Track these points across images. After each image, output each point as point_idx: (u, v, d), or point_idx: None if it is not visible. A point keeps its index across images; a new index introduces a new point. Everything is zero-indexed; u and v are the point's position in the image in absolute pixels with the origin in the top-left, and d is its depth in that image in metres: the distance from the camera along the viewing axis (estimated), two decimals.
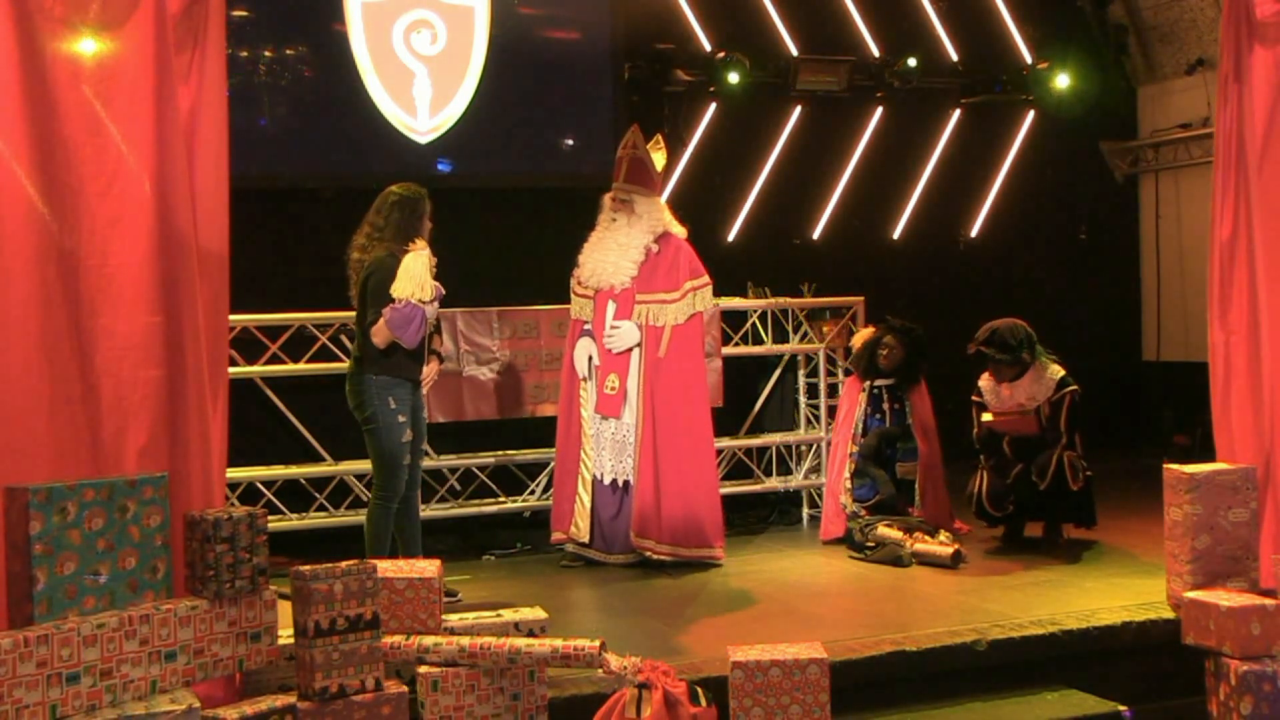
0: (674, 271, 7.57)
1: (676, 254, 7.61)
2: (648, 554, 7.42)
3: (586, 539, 7.54)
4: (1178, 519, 5.94)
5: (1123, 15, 11.61)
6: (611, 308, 7.55)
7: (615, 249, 7.54)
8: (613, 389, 7.50)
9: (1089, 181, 11.82)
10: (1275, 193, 6.15)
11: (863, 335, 8.45)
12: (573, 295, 7.73)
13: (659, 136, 7.86)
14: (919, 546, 7.47)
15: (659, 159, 7.72)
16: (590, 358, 7.58)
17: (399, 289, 6.26)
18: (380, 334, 6.32)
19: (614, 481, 7.52)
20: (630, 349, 7.50)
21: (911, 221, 11.08)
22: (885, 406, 8.28)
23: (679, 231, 7.71)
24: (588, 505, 7.54)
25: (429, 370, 6.69)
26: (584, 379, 7.60)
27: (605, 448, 7.53)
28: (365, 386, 6.39)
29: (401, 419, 6.39)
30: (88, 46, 4.64)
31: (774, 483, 8.94)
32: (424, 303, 6.29)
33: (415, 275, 6.27)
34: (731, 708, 4.85)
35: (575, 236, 7.78)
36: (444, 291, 6.47)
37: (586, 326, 7.63)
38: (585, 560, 7.58)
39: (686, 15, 10.22)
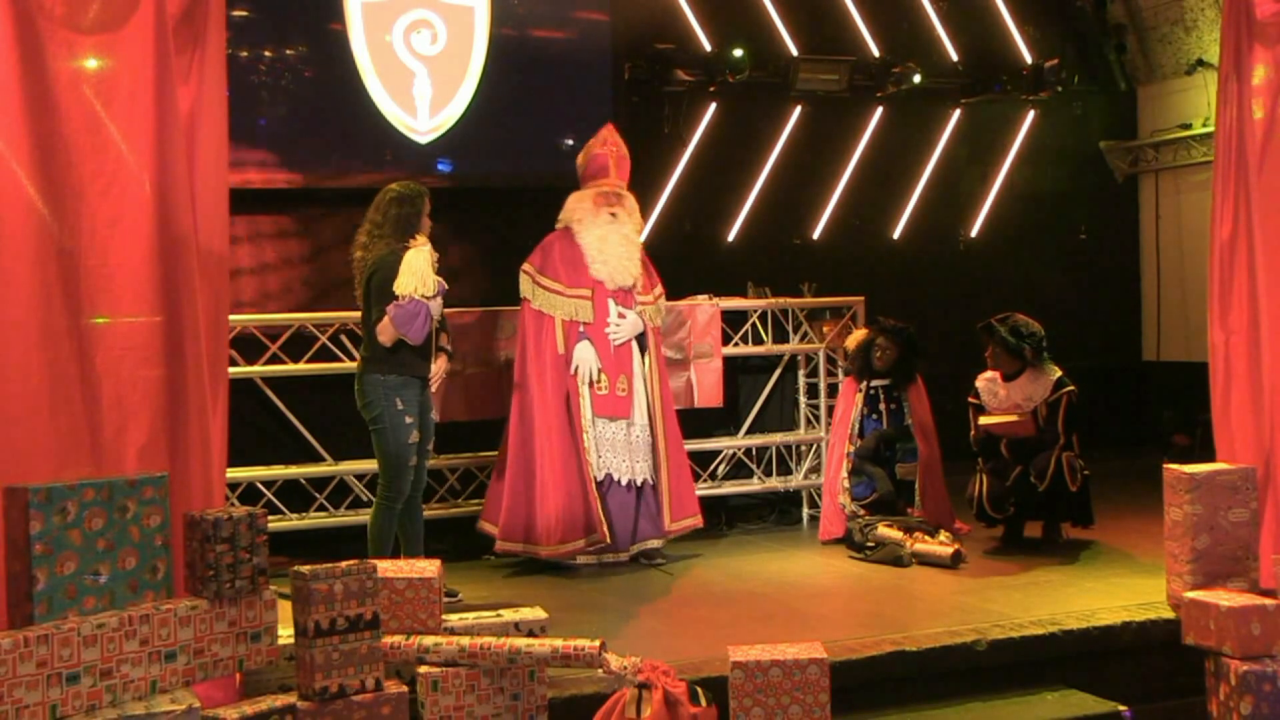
0: (649, 274, 7.75)
1: (646, 255, 7.78)
2: (679, 534, 7.68)
3: (609, 539, 7.42)
4: (1178, 519, 5.94)
5: (1123, 15, 11.61)
6: (613, 307, 7.53)
7: (625, 244, 7.52)
8: (624, 390, 7.49)
9: (1089, 181, 11.82)
10: (1275, 193, 6.15)
11: (856, 337, 8.44)
12: (551, 296, 7.51)
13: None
14: (919, 546, 7.47)
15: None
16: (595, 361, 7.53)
17: (401, 285, 6.26)
18: (386, 332, 6.33)
19: (630, 483, 7.49)
20: (631, 349, 7.52)
21: (911, 221, 11.08)
22: (882, 407, 8.29)
23: None
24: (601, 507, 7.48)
25: (437, 367, 6.66)
26: (587, 382, 7.50)
27: (615, 450, 7.49)
28: (372, 387, 6.39)
29: (409, 420, 6.39)
30: (88, 47, 4.64)
31: (774, 483, 8.94)
32: (427, 298, 6.29)
33: (417, 271, 6.27)
34: (731, 708, 4.85)
35: None
36: (446, 286, 6.47)
37: (581, 329, 7.53)
38: (573, 565, 7.54)
39: (686, 15, 10.21)
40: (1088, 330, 11.30)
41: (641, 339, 7.61)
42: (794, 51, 10.48)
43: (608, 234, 7.54)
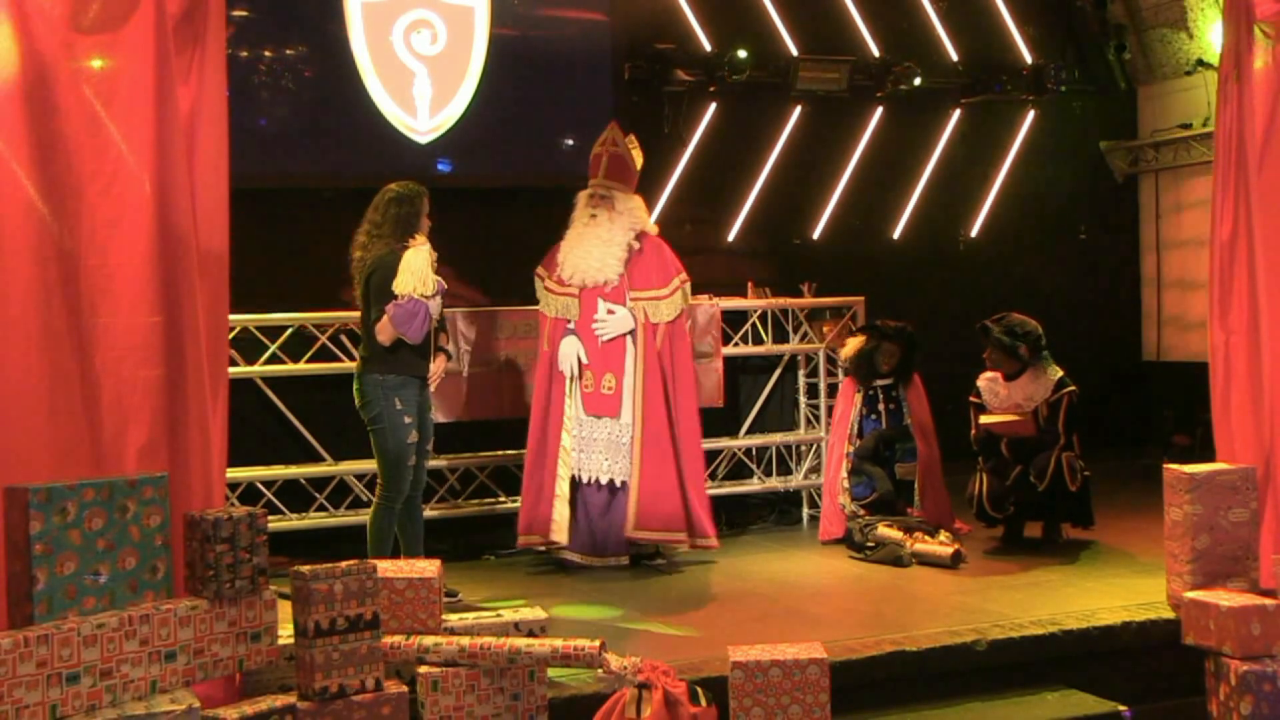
0: (663, 268, 7.58)
1: (660, 251, 7.63)
2: (653, 544, 7.43)
3: (567, 540, 7.48)
4: (1178, 519, 5.94)
5: (1123, 15, 11.61)
6: (603, 305, 7.52)
7: (598, 244, 7.50)
8: (609, 388, 7.47)
9: (1089, 181, 11.82)
10: (1275, 193, 6.15)
11: (854, 344, 8.42)
12: (547, 295, 7.62)
13: (632, 135, 7.85)
14: (919, 546, 7.48)
15: (637, 157, 7.72)
16: (578, 357, 7.54)
17: (400, 285, 6.27)
18: (385, 331, 6.33)
19: (610, 482, 7.49)
20: (624, 347, 7.46)
21: (911, 221, 11.08)
22: (881, 407, 8.29)
23: (653, 229, 7.72)
24: (565, 508, 7.49)
25: (436, 367, 6.67)
26: (573, 379, 7.54)
27: (598, 449, 7.48)
28: (372, 386, 6.40)
29: (408, 419, 6.39)
30: (88, 47, 4.63)
31: (774, 483, 8.94)
32: (426, 297, 6.30)
33: (416, 270, 6.28)
34: (731, 708, 4.85)
35: None
36: (445, 286, 6.47)
37: (570, 326, 7.57)
38: (574, 565, 7.54)
39: (686, 15, 10.21)
40: (1088, 330, 11.30)
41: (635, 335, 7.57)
42: (794, 51, 10.47)
43: (582, 234, 7.56)
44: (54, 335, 4.52)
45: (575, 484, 7.49)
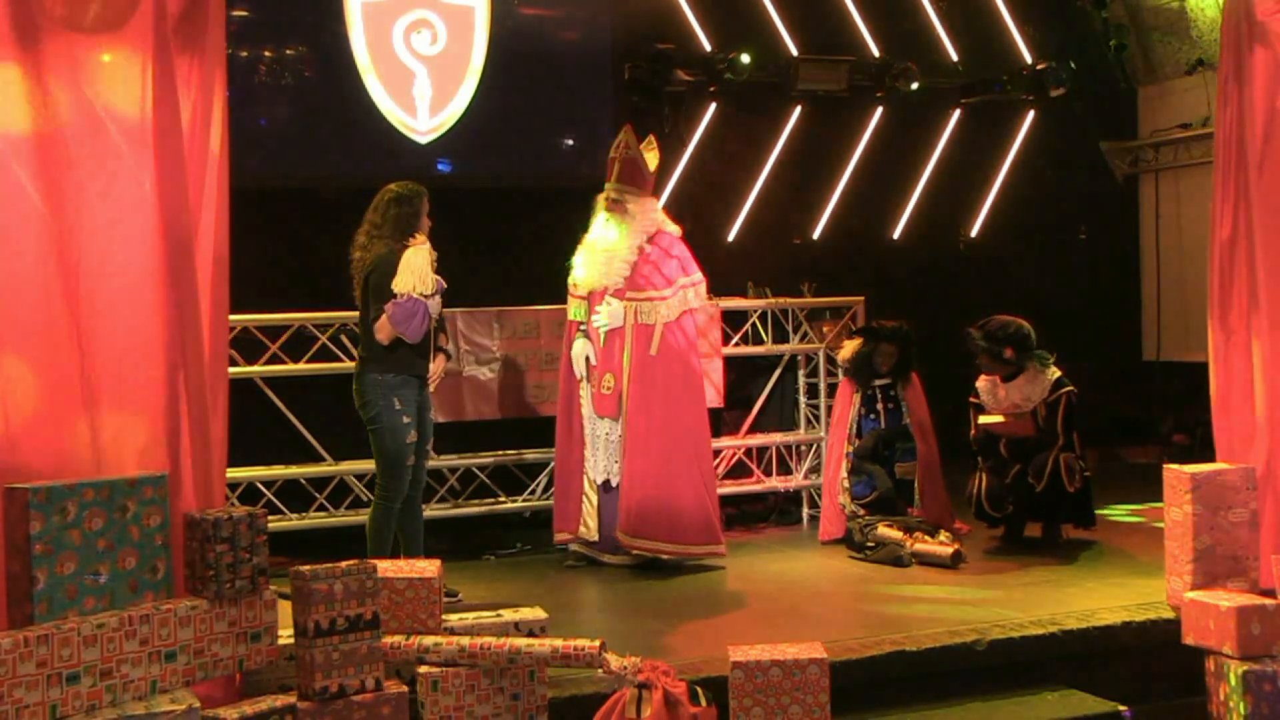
0: (666, 269, 7.55)
1: (669, 252, 7.59)
2: (648, 554, 7.38)
3: (596, 538, 7.53)
4: (1178, 519, 5.94)
5: (1123, 15, 11.61)
6: (606, 299, 7.54)
7: (607, 249, 7.52)
8: (609, 389, 7.48)
9: (1089, 181, 11.81)
10: (1275, 193, 6.15)
11: (852, 346, 8.41)
12: (569, 297, 7.73)
13: (652, 137, 7.84)
14: (919, 546, 7.48)
15: (652, 159, 7.71)
16: (587, 358, 7.58)
17: (400, 283, 6.27)
18: (384, 330, 6.33)
19: (606, 482, 7.51)
20: (622, 341, 7.45)
21: (911, 221, 11.08)
22: (879, 407, 8.29)
23: (673, 230, 7.69)
24: (595, 505, 7.53)
25: (435, 367, 6.67)
26: (581, 379, 7.60)
27: (600, 448, 7.52)
28: (371, 386, 6.39)
29: (406, 419, 6.39)
30: (88, 47, 4.63)
31: (774, 483, 8.94)
32: (426, 296, 6.30)
33: (416, 269, 6.29)
34: (731, 708, 4.85)
35: (575, 237, 7.78)
36: (445, 285, 6.47)
37: (582, 327, 7.63)
38: (589, 560, 7.58)
39: (686, 15, 10.21)
40: (1088, 330, 11.28)
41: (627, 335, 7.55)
42: (794, 51, 10.48)
43: (597, 238, 7.59)
44: (54, 335, 4.52)
45: (593, 483, 7.58)
